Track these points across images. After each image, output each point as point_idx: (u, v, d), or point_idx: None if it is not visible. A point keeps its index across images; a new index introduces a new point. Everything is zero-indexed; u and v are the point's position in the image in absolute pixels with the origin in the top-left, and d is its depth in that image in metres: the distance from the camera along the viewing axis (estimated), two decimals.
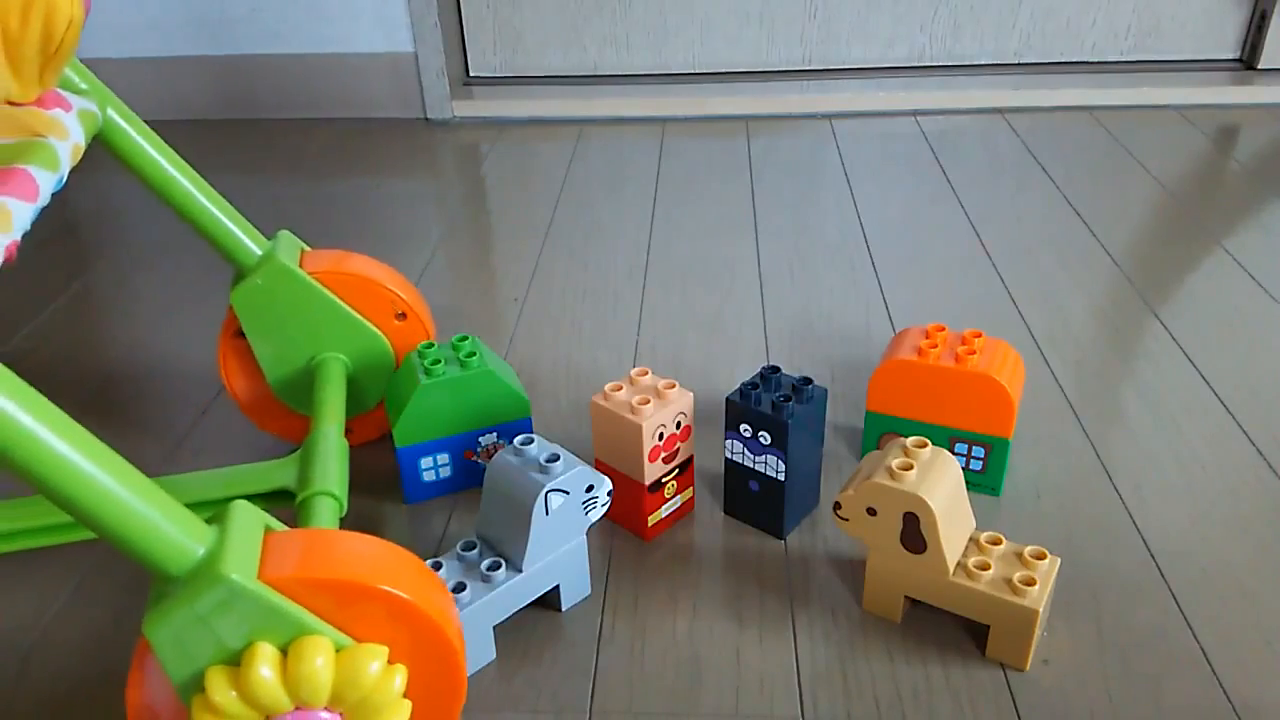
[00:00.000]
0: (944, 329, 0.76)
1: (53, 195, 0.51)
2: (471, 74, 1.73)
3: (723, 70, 1.71)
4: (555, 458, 0.63)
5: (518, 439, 0.65)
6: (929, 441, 0.64)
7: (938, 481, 0.61)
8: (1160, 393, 0.89)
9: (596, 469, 0.72)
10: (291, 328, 0.78)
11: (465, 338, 0.77)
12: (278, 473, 0.67)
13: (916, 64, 1.70)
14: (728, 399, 0.70)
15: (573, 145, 1.54)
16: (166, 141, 0.71)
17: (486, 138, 1.59)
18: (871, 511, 0.62)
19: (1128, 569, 0.70)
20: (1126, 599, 0.67)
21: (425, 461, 0.76)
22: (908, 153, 1.46)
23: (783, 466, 0.70)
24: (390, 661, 0.49)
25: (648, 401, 0.69)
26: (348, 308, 0.78)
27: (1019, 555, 0.63)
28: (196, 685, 0.47)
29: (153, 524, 0.44)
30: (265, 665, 0.46)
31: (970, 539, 0.64)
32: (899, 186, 1.35)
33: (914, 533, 0.61)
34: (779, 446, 0.69)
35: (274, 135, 1.60)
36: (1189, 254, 1.14)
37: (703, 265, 1.15)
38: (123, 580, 0.72)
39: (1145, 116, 1.57)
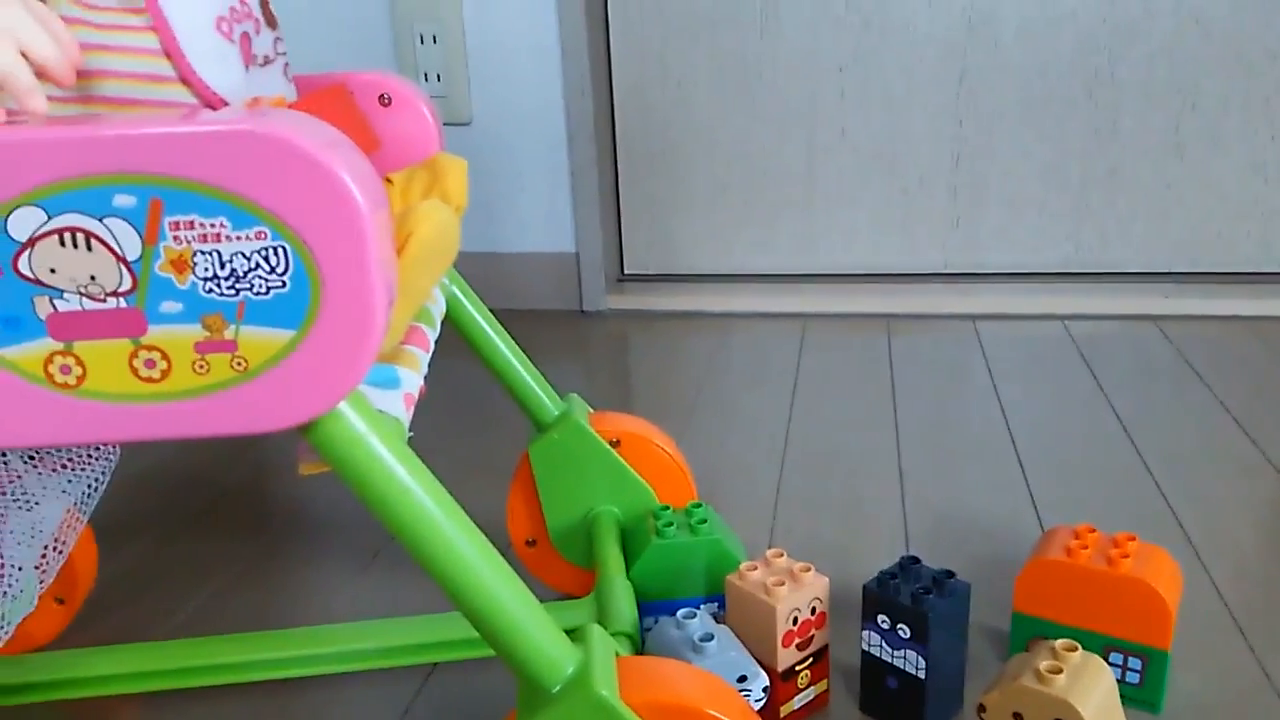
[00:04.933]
0: (1094, 530, 0.74)
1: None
2: (626, 271, 1.85)
3: (864, 272, 1.77)
4: (710, 637, 0.63)
5: (681, 612, 0.66)
6: (1079, 645, 0.62)
7: (1089, 688, 0.59)
8: None
9: None
10: (578, 481, 0.85)
11: (700, 504, 0.80)
12: (575, 612, 0.73)
13: (1063, 270, 1.71)
14: (865, 587, 0.70)
15: (717, 337, 1.60)
16: None
17: (636, 329, 1.67)
18: (1018, 717, 0.60)
19: None
20: None
21: (647, 622, 0.77)
22: (1055, 356, 1.45)
23: (923, 663, 0.68)
24: None
25: (783, 584, 0.69)
26: (628, 466, 0.85)
27: None
28: None
29: (539, 639, 0.49)
30: None
31: None
32: (1046, 387, 1.33)
33: None
34: (919, 641, 0.68)
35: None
36: None
37: (841, 454, 1.16)
38: None
39: None
